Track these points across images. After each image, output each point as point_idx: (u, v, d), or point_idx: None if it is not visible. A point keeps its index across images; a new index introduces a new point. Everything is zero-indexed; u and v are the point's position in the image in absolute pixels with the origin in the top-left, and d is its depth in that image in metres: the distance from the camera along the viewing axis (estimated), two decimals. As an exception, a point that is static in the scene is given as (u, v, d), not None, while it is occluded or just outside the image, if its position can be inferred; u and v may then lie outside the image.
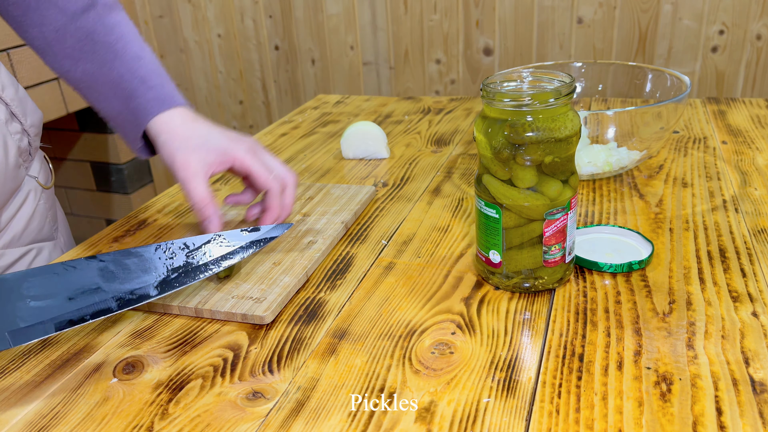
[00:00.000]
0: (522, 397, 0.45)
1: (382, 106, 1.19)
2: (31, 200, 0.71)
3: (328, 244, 0.66)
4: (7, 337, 0.47)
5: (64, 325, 0.49)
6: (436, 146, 0.96)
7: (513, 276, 0.56)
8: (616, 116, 0.76)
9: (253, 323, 0.55)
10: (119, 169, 2.12)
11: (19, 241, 0.70)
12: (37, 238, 0.73)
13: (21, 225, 0.69)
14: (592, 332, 0.51)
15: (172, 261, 0.55)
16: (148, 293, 0.53)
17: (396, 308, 0.56)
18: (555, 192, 0.53)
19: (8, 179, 0.65)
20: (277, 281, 0.59)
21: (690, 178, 0.78)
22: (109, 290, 0.52)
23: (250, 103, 1.98)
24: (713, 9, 1.43)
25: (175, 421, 0.45)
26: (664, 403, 0.43)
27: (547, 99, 0.50)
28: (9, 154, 0.64)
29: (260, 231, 0.59)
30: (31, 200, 0.70)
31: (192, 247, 0.57)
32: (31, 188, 0.71)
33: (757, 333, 0.50)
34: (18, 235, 0.69)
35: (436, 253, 0.65)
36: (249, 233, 0.59)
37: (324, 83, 1.85)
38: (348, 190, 0.78)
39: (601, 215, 0.70)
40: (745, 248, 0.62)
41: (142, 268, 0.54)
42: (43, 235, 0.74)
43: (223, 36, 1.91)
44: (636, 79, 0.91)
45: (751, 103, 1.05)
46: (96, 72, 0.64)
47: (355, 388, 0.47)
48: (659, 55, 1.50)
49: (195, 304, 0.56)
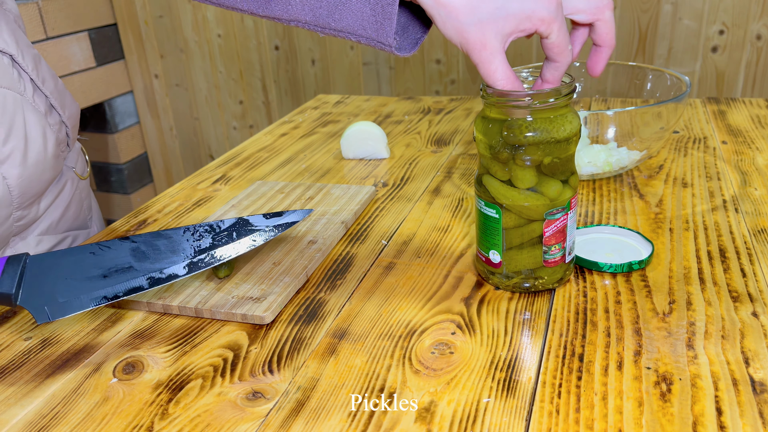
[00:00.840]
0: (522, 397, 0.45)
1: (382, 106, 1.19)
2: (68, 189, 0.73)
3: (329, 245, 0.66)
4: (46, 311, 0.51)
5: (99, 300, 0.52)
6: (436, 146, 0.96)
7: (513, 276, 0.56)
8: (616, 116, 0.76)
9: (253, 323, 0.55)
10: (119, 169, 2.12)
11: (56, 229, 0.73)
12: (73, 227, 0.76)
13: (58, 213, 0.72)
14: (592, 332, 0.51)
15: (199, 243, 0.57)
16: (176, 273, 0.55)
17: (396, 308, 0.56)
18: (555, 192, 0.53)
19: (47, 169, 0.67)
20: (277, 281, 0.59)
21: (690, 178, 0.78)
22: (140, 269, 0.55)
23: (250, 103, 1.97)
24: (713, 9, 1.43)
25: (175, 421, 0.45)
26: (664, 403, 0.43)
27: (547, 99, 0.50)
28: (48, 144, 0.66)
29: (282, 216, 0.61)
30: (68, 189, 0.73)
31: (218, 230, 0.59)
32: (69, 178, 0.73)
33: (757, 333, 0.50)
34: (55, 222, 0.72)
35: (436, 253, 0.65)
36: (271, 218, 0.61)
37: (324, 83, 1.85)
38: (348, 190, 0.78)
39: (601, 215, 0.70)
40: (745, 248, 0.62)
41: (171, 249, 0.56)
42: (78, 224, 0.77)
43: (223, 36, 1.91)
44: (636, 79, 0.91)
45: (751, 103, 1.05)
46: None
47: (355, 388, 0.47)
48: (659, 55, 1.50)
49: (195, 304, 0.56)
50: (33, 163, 0.64)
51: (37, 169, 0.65)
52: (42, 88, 0.66)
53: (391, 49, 0.49)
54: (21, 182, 0.63)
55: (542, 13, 0.47)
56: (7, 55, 0.63)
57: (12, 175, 0.63)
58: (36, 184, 0.66)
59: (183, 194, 0.84)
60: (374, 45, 0.49)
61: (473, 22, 0.47)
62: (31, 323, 0.57)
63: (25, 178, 0.64)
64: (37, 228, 0.71)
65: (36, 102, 0.65)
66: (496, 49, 0.48)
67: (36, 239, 0.70)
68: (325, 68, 1.83)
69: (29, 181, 0.64)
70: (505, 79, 0.49)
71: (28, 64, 0.65)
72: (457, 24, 0.47)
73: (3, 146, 0.61)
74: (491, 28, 0.47)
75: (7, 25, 0.64)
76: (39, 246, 0.71)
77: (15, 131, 0.62)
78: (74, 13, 1.86)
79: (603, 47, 0.54)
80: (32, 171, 0.64)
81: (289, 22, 0.50)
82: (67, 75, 1.85)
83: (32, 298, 0.51)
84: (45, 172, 0.67)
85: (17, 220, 0.66)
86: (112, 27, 2.01)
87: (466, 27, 0.47)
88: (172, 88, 2.06)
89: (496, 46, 0.48)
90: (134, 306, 0.58)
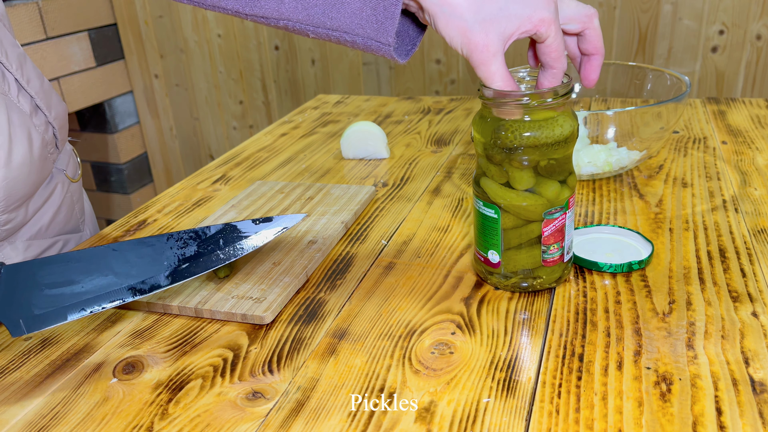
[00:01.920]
0: (522, 397, 0.45)
1: (382, 106, 1.19)
2: (59, 192, 0.72)
3: (328, 245, 0.66)
4: (21, 325, 0.48)
5: (78, 312, 0.50)
6: (436, 146, 0.96)
7: (512, 276, 0.56)
8: (616, 116, 0.76)
9: (253, 323, 0.55)
10: (119, 169, 2.12)
11: (46, 233, 0.71)
12: (64, 230, 0.74)
13: (48, 217, 0.70)
14: (592, 332, 0.51)
15: (184, 251, 0.55)
16: (159, 283, 0.53)
17: (396, 308, 0.56)
18: (553, 193, 0.53)
19: (33, 171, 0.65)
20: (277, 281, 0.59)
21: (690, 178, 0.78)
22: (122, 279, 0.52)
23: (250, 103, 1.98)
24: (713, 9, 1.43)
25: (175, 421, 0.45)
26: (664, 403, 0.43)
27: (544, 99, 0.50)
28: (34, 145, 0.64)
29: (272, 221, 0.58)
30: (58, 192, 0.71)
31: (203, 237, 0.56)
32: (59, 180, 0.72)
33: (757, 333, 0.50)
34: (45, 226, 0.71)
35: (436, 253, 0.65)
36: (260, 223, 0.58)
37: (324, 83, 1.85)
38: (348, 190, 0.78)
39: (601, 215, 0.71)
40: (745, 248, 0.62)
41: (154, 258, 0.54)
42: (69, 228, 0.75)
43: (223, 36, 1.91)
44: (636, 79, 0.91)
45: (751, 103, 1.05)
46: None
47: (355, 388, 0.47)
48: (659, 55, 1.50)
49: (195, 304, 0.56)
50: (18, 164, 0.62)
51: (23, 171, 0.63)
52: (27, 87, 0.64)
53: (389, 49, 0.49)
54: (6, 184, 0.61)
55: (543, 14, 0.48)
56: None
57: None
58: (22, 186, 0.63)
59: (183, 194, 0.84)
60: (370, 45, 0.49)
61: (477, 21, 0.47)
62: (31, 323, 0.57)
63: (10, 180, 0.61)
64: (26, 232, 0.68)
65: (20, 102, 0.64)
66: (498, 51, 0.48)
67: (25, 244, 0.68)
68: (325, 68, 1.83)
69: (14, 183, 0.62)
70: (503, 81, 0.50)
71: (12, 63, 0.63)
72: (461, 23, 0.47)
73: None
74: (494, 28, 0.47)
75: None
76: (28, 251, 0.68)
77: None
78: (74, 13, 1.86)
79: (595, 55, 0.54)
80: (17, 173, 0.62)
81: (278, 22, 0.49)
82: (67, 75, 1.85)
83: (7, 310, 0.48)
84: (31, 175, 0.65)
85: (3, 224, 0.64)
86: (112, 27, 2.01)
87: (470, 26, 0.47)
88: (172, 88, 2.06)
89: (498, 47, 0.48)
90: (134, 306, 0.58)
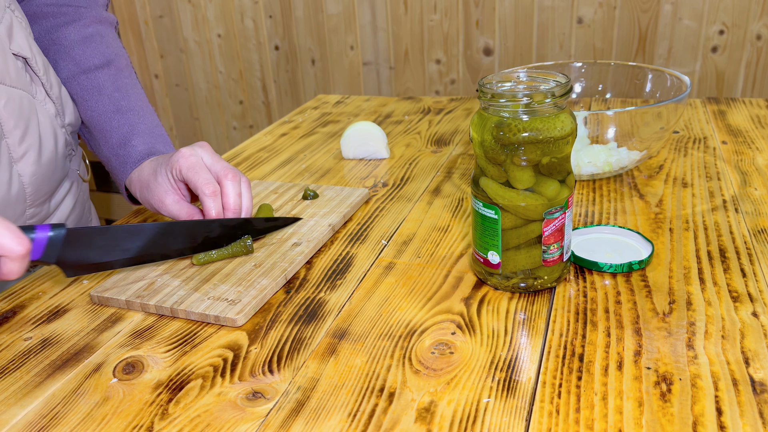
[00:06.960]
0: (522, 397, 0.45)
1: (382, 106, 1.19)
2: (74, 190, 0.76)
3: (312, 247, 0.65)
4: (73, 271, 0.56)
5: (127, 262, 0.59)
6: (436, 146, 0.96)
7: (512, 276, 0.56)
8: (616, 116, 0.76)
9: (225, 324, 0.55)
10: (119, 169, 2.11)
11: None
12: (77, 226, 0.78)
13: (65, 212, 0.74)
14: (592, 332, 0.51)
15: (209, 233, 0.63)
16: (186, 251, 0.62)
17: (396, 308, 0.56)
18: (553, 192, 0.53)
19: (58, 168, 0.70)
20: (254, 283, 0.59)
21: (690, 178, 0.78)
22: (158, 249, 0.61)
23: (250, 103, 1.98)
24: (713, 9, 1.43)
25: (175, 422, 0.45)
26: (664, 403, 0.43)
27: (542, 99, 0.50)
28: (59, 144, 0.69)
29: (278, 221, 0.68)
30: (74, 190, 0.76)
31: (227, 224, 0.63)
32: (74, 179, 0.76)
33: (757, 333, 0.50)
34: (63, 221, 0.75)
35: (436, 253, 0.65)
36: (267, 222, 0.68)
37: (324, 83, 1.85)
38: (341, 192, 0.78)
39: (601, 215, 0.70)
40: (745, 248, 0.62)
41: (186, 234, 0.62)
42: (81, 224, 0.80)
43: (223, 36, 1.91)
44: (636, 79, 0.91)
45: (751, 103, 1.05)
46: (93, 119, 0.72)
47: (355, 388, 0.47)
48: (659, 55, 1.50)
49: (171, 304, 0.56)
50: (46, 162, 0.67)
51: (49, 168, 0.68)
52: (50, 93, 0.68)
53: None
54: (35, 180, 0.66)
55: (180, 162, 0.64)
56: (21, 58, 0.65)
57: (27, 173, 0.65)
58: (48, 182, 0.68)
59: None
60: None
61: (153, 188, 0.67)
62: (32, 323, 0.57)
63: (38, 176, 0.66)
64: None
65: (47, 105, 0.68)
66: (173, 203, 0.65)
67: None
68: (325, 68, 1.83)
69: (42, 180, 0.67)
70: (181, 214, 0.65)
71: (39, 69, 0.67)
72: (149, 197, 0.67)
73: (19, 145, 0.63)
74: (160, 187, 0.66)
75: (21, 30, 0.66)
76: None
77: (30, 131, 0.64)
78: (74, 13, 1.86)
79: None
80: (45, 170, 0.67)
81: None
82: (67, 75, 1.85)
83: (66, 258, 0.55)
84: (55, 172, 0.69)
85: (30, 218, 0.68)
86: (112, 27, 2.01)
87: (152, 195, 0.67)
88: (172, 88, 2.06)
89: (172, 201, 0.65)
90: (131, 306, 0.58)
